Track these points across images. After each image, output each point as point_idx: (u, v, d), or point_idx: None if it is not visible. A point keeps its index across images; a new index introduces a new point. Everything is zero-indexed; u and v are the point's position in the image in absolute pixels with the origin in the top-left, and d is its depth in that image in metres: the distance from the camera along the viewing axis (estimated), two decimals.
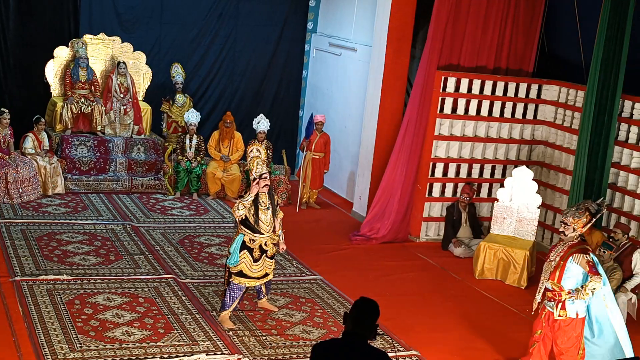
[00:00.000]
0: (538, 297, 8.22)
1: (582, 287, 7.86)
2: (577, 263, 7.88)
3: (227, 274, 9.07)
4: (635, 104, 11.52)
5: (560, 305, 7.96)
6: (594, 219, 8.06)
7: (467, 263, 11.92)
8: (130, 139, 14.18)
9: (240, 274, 8.92)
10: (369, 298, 5.25)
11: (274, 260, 9.24)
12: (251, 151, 9.11)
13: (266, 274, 9.15)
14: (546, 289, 8.14)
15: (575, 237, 7.99)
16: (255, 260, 8.95)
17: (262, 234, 8.93)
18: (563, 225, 8.00)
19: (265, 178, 8.87)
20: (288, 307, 9.71)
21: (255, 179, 8.88)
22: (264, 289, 9.41)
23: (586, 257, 7.87)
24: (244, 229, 8.90)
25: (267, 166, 9.19)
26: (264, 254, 9.02)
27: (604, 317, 8.09)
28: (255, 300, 9.61)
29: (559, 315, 7.97)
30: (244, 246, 8.90)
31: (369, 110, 13.37)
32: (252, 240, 8.91)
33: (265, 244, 9.01)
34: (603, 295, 8.04)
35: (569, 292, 7.90)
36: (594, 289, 7.83)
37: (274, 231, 9.05)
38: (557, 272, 7.94)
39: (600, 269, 7.91)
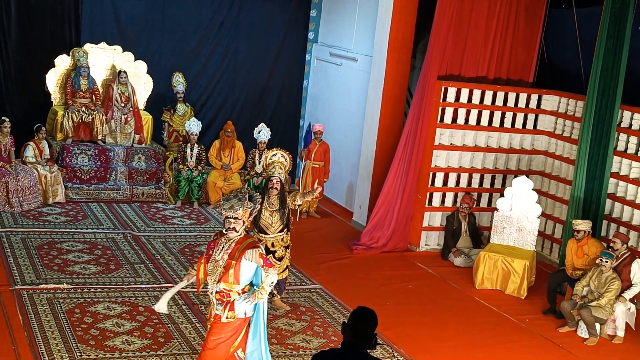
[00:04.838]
0: (214, 304, 7.29)
1: (259, 286, 7.15)
2: (251, 259, 7.09)
3: None
4: (634, 114, 11.55)
5: (228, 306, 7.17)
6: (256, 205, 7.34)
7: (467, 273, 11.93)
8: (131, 148, 14.20)
9: None
10: (368, 307, 5.26)
11: (283, 263, 9.60)
12: (274, 155, 9.67)
13: None
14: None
15: (243, 231, 7.25)
16: None
17: (267, 234, 9.46)
18: (234, 220, 7.10)
19: (272, 180, 9.38)
20: (288, 317, 9.72)
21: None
22: (274, 290, 9.64)
23: (258, 250, 7.12)
24: (253, 228, 9.46)
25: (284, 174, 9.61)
26: (271, 255, 9.41)
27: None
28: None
29: (227, 318, 7.18)
30: None
31: (370, 119, 13.40)
32: (259, 239, 9.28)
33: (273, 245, 9.48)
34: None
35: (239, 293, 7.16)
36: (273, 282, 7.15)
37: (284, 231, 9.53)
38: (232, 272, 7.07)
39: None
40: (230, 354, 7.36)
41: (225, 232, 7.19)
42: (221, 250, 7.16)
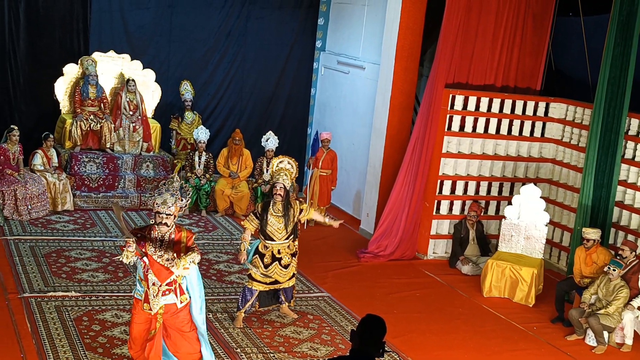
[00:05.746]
0: (157, 301, 7.41)
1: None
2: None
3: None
4: None
5: (179, 291, 7.44)
6: (186, 201, 7.40)
7: (474, 281, 11.92)
8: (139, 156, 14.24)
9: (250, 276, 9.47)
10: (376, 315, 5.26)
11: (290, 270, 9.56)
12: (281, 162, 9.66)
13: (277, 282, 9.49)
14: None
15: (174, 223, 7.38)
16: (266, 266, 9.39)
17: (273, 240, 9.37)
18: (166, 216, 7.23)
19: (276, 187, 9.30)
20: (296, 324, 9.72)
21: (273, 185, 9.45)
22: (282, 297, 9.77)
23: (193, 237, 7.43)
24: (259, 234, 9.44)
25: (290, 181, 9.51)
26: (277, 262, 9.42)
27: None
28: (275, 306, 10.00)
29: (181, 302, 7.47)
30: (257, 251, 9.46)
31: (377, 127, 13.41)
32: (265, 246, 9.41)
33: (279, 252, 9.42)
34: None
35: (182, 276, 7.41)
36: (194, 260, 7.31)
37: (290, 238, 9.44)
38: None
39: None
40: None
41: (156, 225, 7.31)
42: (163, 245, 7.33)
